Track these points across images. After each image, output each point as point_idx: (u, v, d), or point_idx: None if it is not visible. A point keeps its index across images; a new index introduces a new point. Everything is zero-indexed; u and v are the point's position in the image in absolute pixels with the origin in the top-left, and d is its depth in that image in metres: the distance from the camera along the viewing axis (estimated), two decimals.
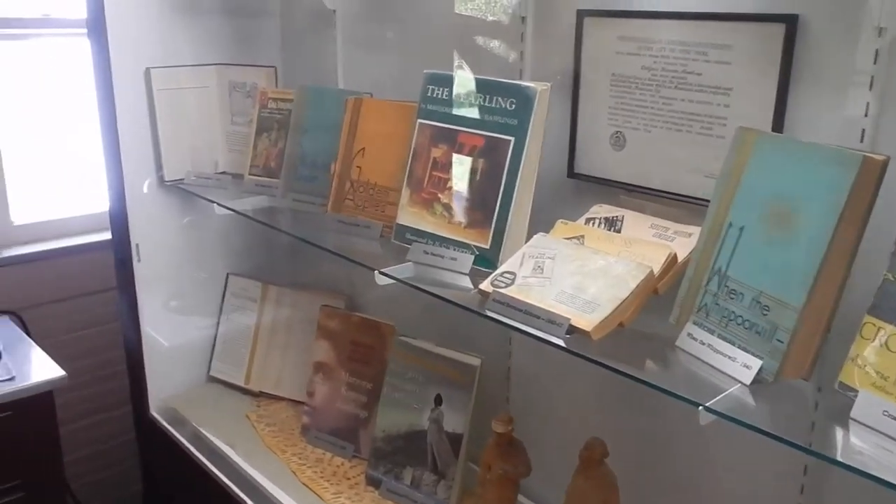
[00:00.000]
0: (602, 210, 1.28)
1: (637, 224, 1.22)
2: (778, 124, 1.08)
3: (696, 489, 1.32)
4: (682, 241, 1.14)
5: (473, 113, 1.30)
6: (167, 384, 1.99)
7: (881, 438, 0.80)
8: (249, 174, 1.76)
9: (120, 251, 1.88)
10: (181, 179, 1.85)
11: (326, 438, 1.75)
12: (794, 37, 1.05)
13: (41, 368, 1.81)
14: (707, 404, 0.86)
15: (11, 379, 1.75)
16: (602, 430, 1.28)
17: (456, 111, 1.31)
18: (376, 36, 1.77)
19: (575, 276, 1.10)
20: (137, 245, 1.85)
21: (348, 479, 1.65)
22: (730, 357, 0.93)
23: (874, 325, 0.84)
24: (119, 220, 1.84)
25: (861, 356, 0.84)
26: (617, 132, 1.28)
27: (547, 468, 1.39)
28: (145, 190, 1.86)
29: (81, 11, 1.73)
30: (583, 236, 1.20)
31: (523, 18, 1.39)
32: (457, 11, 1.53)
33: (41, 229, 2.23)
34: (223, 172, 1.90)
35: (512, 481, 1.37)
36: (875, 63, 0.97)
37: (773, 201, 0.93)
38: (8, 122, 2.14)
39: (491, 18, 1.47)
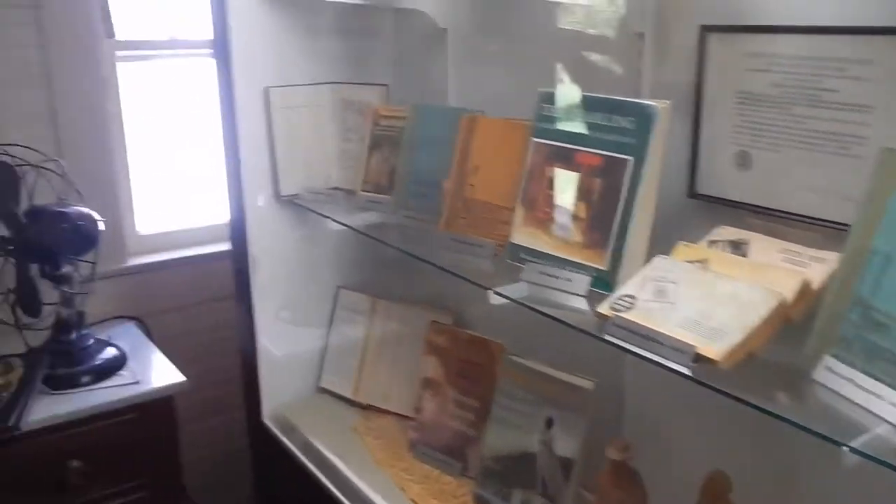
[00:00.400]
0: (726, 232, 1.23)
1: (765, 248, 1.17)
2: None
3: None
4: (817, 267, 1.08)
5: (591, 132, 1.27)
6: (279, 393, 2.04)
7: None
8: (361, 190, 1.79)
9: (238, 262, 1.95)
10: (296, 195, 1.90)
11: (434, 455, 1.75)
12: None
13: (163, 373, 1.89)
14: (853, 444, 0.81)
15: (136, 383, 1.84)
16: (725, 463, 1.23)
17: (572, 130, 1.30)
18: (487, 53, 1.77)
19: (700, 301, 1.06)
20: (254, 257, 1.91)
21: (456, 497, 1.64)
22: (876, 395, 0.87)
23: None
24: (238, 233, 1.91)
25: None
26: (742, 151, 1.24)
27: (663, 501, 1.35)
28: (262, 204, 1.92)
29: (205, 34, 1.81)
30: (706, 260, 1.16)
31: (641, 35, 1.36)
32: (570, 28, 1.51)
33: (165, 239, 2.35)
34: (335, 188, 1.94)
35: None
36: None
37: None
38: (136, 139, 2.26)
39: (606, 35, 1.45)
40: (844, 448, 0.81)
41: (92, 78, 2.07)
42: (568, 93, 1.32)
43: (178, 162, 2.40)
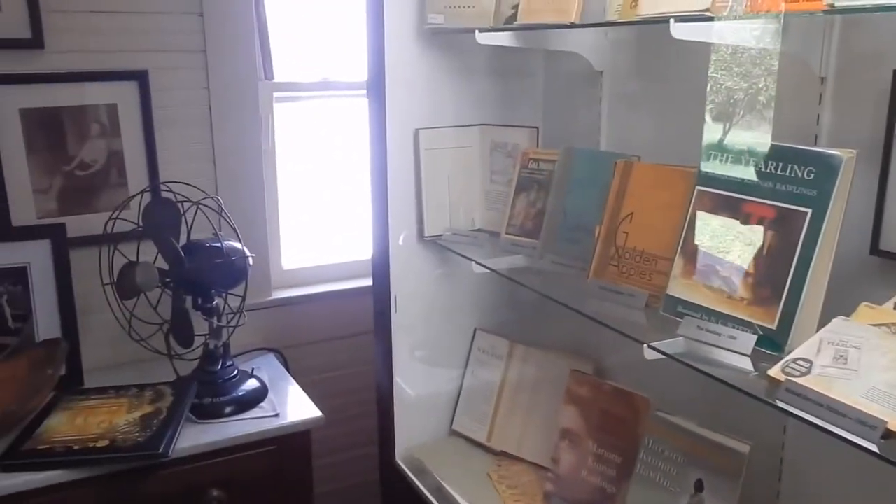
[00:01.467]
0: None
1: None
2: None
3: None
4: None
5: (763, 181, 1.20)
6: (412, 433, 2.04)
7: None
8: (506, 233, 1.78)
9: (380, 300, 1.97)
10: (440, 235, 1.91)
11: None
12: None
13: (301, 407, 1.91)
14: None
15: (276, 415, 1.87)
16: None
17: (742, 178, 1.23)
18: (642, 97, 1.73)
19: (889, 371, 0.97)
20: (395, 296, 1.93)
21: None
22: None
23: None
24: (381, 271, 1.93)
25: None
26: None
27: None
28: (406, 243, 1.94)
29: (356, 75, 1.86)
30: (894, 324, 1.06)
31: (823, 79, 1.28)
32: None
33: (308, 274, 2.42)
34: (479, 229, 1.93)
35: None
36: None
37: None
38: (288, 176, 2.36)
39: (784, 78, 1.37)
40: None
41: (250, 118, 2.17)
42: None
43: (325, 199, 2.47)
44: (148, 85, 2.02)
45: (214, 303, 1.88)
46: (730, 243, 1.22)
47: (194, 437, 1.75)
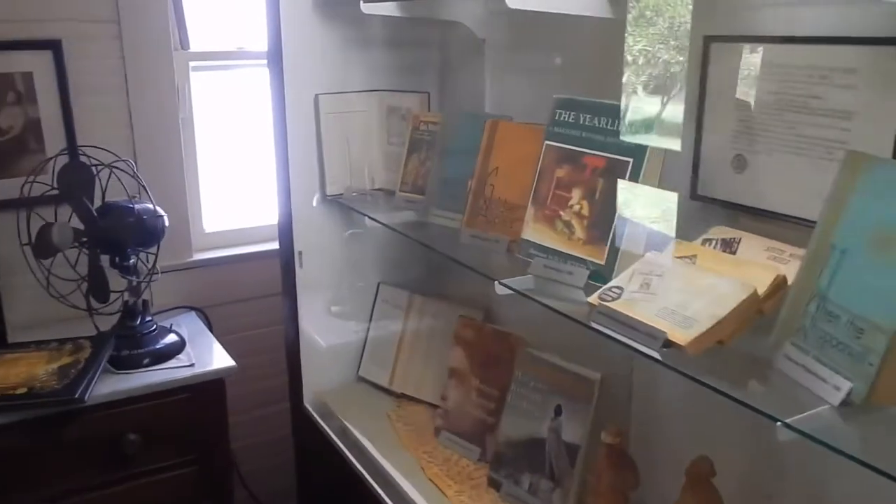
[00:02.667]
0: (720, 232, 1.29)
1: (753, 246, 1.23)
2: None
3: None
4: (795, 264, 1.13)
5: (598, 135, 1.36)
6: (321, 381, 2.18)
7: None
8: (399, 191, 1.92)
9: (285, 257, 2.10)
10: (340, 194, 2.04)
11: (456, 440, 1.85)
12: None
13: (217, 358, 2.03)
14: (787, 421, 0.87)
15: (192, 365, 1.99)
16: (712, 449, 1.29)
17: (580, 133, 1.38)
18: (521, 63, 1.88)
19: (680, 293, 1.13)
20: (300, 253, 2.06)
21: (472, 479, 1.74)
22: (822, 378, 0.93)
23: None
24: (285, 229, 2.06)
25: None
26: (738, 155, 1.30)
27: (661, 484, 1.41)
28: (312, 203, 2.07)
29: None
30: (695, 256, 1.23)
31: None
32: (596, 43, 1.60)
33: (228, 237, 2.53)
34: (379, 189, 2.07)
35: (621, 493, 1.40)
36: None
37: (878, 227, 0.93)
38: (207, 143, 2.46)
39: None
40: (778, 424, 0.87)
41: (166, 86, 2.27)
42: (578, 99, 1.41)
43: (245, 165, 2.58)
44: (62, 54, 2.10)
45: (131, 261, 1.99)
46: (570, 191, 1.38)
47: (112, 386, 1.86)
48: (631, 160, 1.29)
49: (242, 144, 2.57)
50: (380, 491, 1.75)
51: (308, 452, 2.29)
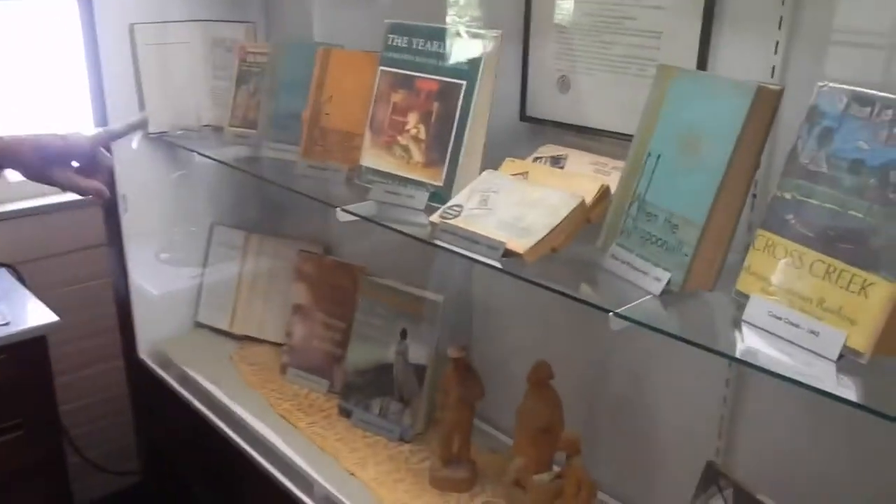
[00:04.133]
0: (548, 150, 1.36)
1: (579, 161, 1.31)
2: (702, 64, 1.16)
3: (631, 405, 1.43)
4: (617, 175, 1.22)
5: (430, 59, 1.38)
6: (156, 330, 2.09)
7: (769, 337, 0.89)
8: (229, 125, 1.85)
9: (107, 204, 1.97)
10: (165, 132, 1.94)
11: (304, 375, 1.86)
12: None
13: (35, 315, 1.90)
14: (618, 311, 0.95)
15: (7, 324, 1.84)
16: (551, 354, 1.38)
17: (414, 58, 1.40)
18: None
19: (515, 206, 1.19)
20: (124, 196, 1.95)
21: (322, 411, 1.76)
22: (644, 272, 1.02)
23: (764, 237, 0.93)
24: None
25: (752, 265, 0.93)
26: (562, 76, 1.37)
27: (506, 393, 1.49)
28: (132, 144, 1.95)
29: None
30: (527, 172, 1.29)
31: None
32: None
33: (37, 186, 2.32)
34: (207, 125, 1.98)
35: (468, 405, 1.47)
36: (783, 4, 1.05)
37: (685, 131, 1.02)
38: (4, 84, 2.23)
39: None
40: (610, 314, 0.95)
41: None
42: (410, 24, 1.42)
43: (54, 105, 2.36)
44: None
45: None
46: (406, 115, 1.40)
47: None
48: (464, 83, 1.32)
49: (51, 82, 2.35)
50: (230, 432, 1.73)
51: (147, 407, 2.21)
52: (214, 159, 1.77)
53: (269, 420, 1.73)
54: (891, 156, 0.81)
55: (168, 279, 2.11)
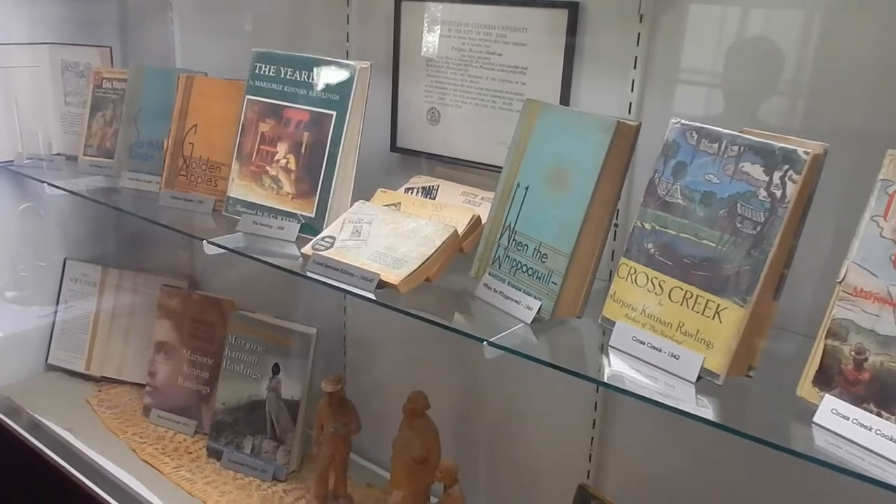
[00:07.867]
0: (420, 180, 1.38)
1: (450, 192, 1.33)
2: (565, 99, 1.21)
3: (506, 431, 1.45)
4: (487, 205, 1.25)
5: (299, 89, 1.36)
6: (1, 376, 1.93)
7: (634, 361, 0.93)
8: (84, 154, 1.75)
9: None
10: (11, 161, 1.81)
11: (168, 416, 1.76)
12: (576, 21, 1.18)
13: None
14: (491, 340, 0.97)
15: None
16: (426, 384, 1.38)
17: (282, 88, 1.37)
18: (212, 19, 1.80)
19: (389, 237, 1.19)
20: None
21: (190, 453, 1.67)
22: (516, 301, 1.04)
23: (627, 265, 0.97)
24: None
25: (617, 292, 0.97)
26: (432, 108, 1.39)
27: (382, 425, 1.48)
28: None
29: None
30: (399, 203, 1.29)
31: (348, 1, 1.47)
32: None
33: None
34: (58, 154, 1.87)
35: (344, 438, 1.44)
36: (637, 45, 1.12)
37: (552, 164, 1.05)
38: None
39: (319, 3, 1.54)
40: (484, 343, 0.97)
41: None
42: (278, 53, 1.40)
43: None
44: None
45: None
46: (275, 146, 1.37)
47: None
48: (334, 113, 1.31)
49: None
50: (89, 484, 1.61)
51: None
52: (66, 190, 1.66)
53: (132, 467, 1.62)
54: (737, 188, 0.87)
55: (14, 319, 1.96)
